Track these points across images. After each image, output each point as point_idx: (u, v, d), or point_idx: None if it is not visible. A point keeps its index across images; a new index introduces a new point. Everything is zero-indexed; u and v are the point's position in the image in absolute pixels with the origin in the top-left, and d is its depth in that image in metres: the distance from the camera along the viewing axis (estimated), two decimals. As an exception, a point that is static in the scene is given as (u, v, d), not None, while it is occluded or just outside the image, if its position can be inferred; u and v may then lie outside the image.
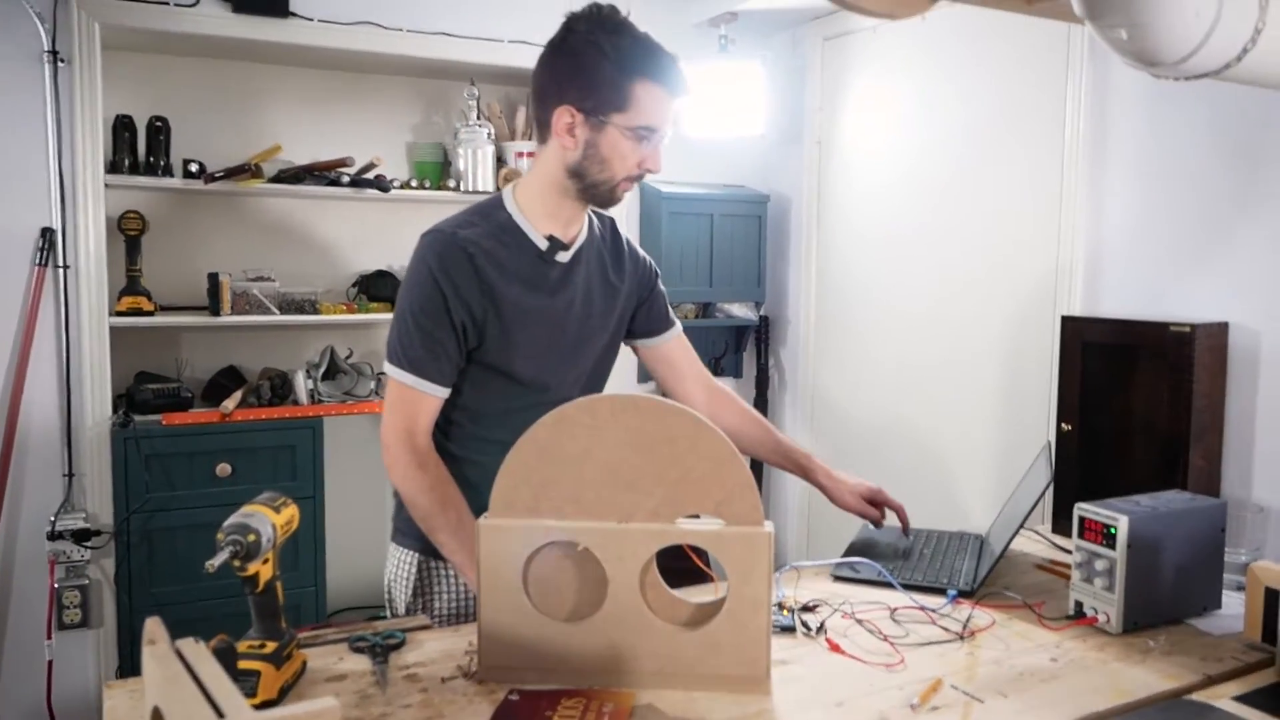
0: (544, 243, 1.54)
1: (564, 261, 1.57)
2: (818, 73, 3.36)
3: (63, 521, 2.61)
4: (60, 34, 2.56)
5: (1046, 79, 2.52)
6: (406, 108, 3.28)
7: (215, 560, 1.11)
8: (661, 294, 1.77)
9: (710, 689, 1.23)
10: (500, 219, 1.54)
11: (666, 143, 1.53)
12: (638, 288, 1.71)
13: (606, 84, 1.44)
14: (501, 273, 1.50)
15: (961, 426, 2.85)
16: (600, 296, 1.64)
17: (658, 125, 1.48)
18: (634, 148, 1.48)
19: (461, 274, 1.47)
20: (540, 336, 1.54)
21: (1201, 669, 1.33)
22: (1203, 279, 2.15)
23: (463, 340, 1.50)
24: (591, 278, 1.63)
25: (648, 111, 1.46)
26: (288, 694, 1.21)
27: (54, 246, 2.61)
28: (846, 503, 1.78)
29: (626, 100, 1.44)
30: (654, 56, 1.45)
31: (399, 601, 1.62)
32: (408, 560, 1.61)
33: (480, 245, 1.49)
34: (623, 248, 1.70)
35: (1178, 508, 1.49)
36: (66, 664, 2.69)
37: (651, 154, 1.50)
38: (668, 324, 1.77)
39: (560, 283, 1.57)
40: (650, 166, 1.51)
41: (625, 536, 1.23)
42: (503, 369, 1.53)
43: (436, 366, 1.49)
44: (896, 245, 3.07)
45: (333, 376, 3.03)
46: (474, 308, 1.48)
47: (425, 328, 1.48)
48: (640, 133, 1.47)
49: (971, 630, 1.44)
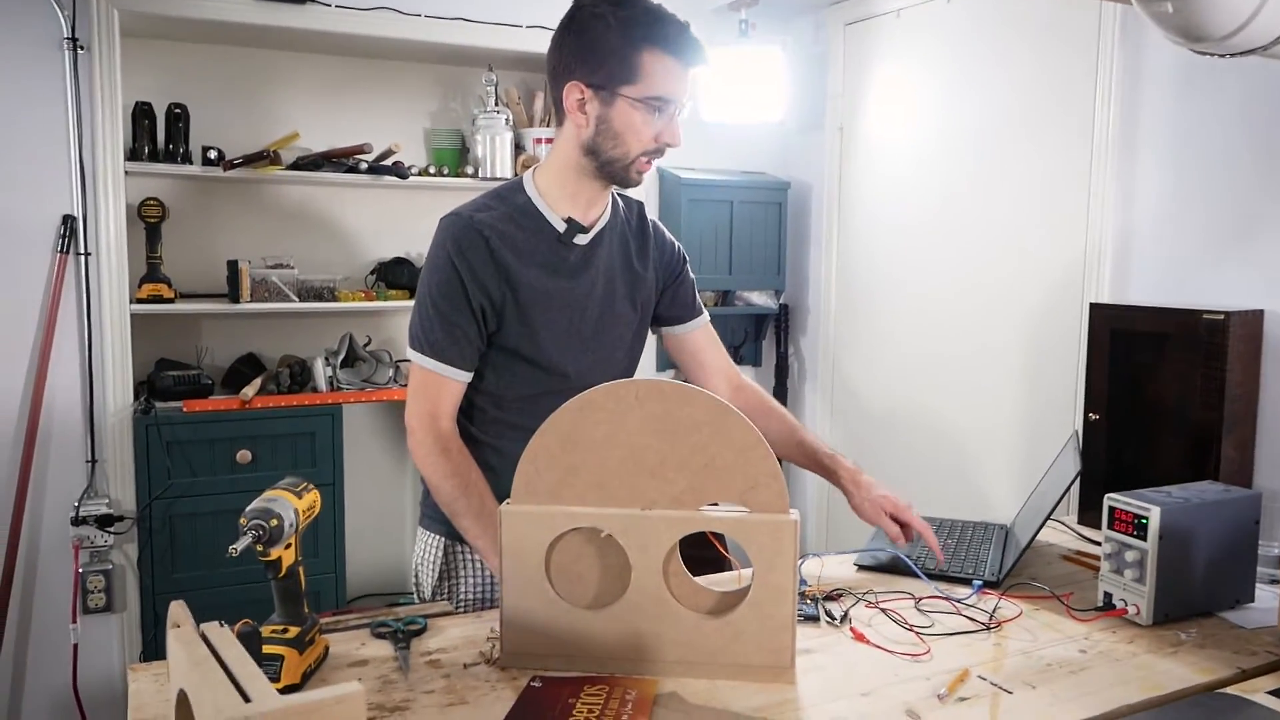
0: (561, 225, 1.52)
1: (583, 244, 1.55)
2: (839, 58, 3.32)
3: (86, 507, 2.63)
4: (80, 21, 2.56)
5: (1074, 63, 2.48)
6: (424, 94, 3.27)
7: (238, 545, 1.11)
8: (689, 281, 1.73)
9: (734, 678, 1.21)
10: (519, 202, 1.53)
11: (685, 115, 1.49)
12: (664, 273, 1.68)
13: (613, 56, 1.41)
14: (519, 255, 1.49)
15: (985, 415, 2.82)
16: (624, 281, 1.61)
17: (671, 96, 1.44)
18: (647, 120, 1.44)
19: (478, 257, 1.46)
20: (559, 320, 1.52)
21: (1235, 662, 1.30)
22: (1237, 266, 2.11)
23: (482, 324, 1.49)
24: (614, 262, 1.60)
25: (658, 82, 1.42)
26: (310, 679, 1.21)
27: (75, 234, 2.61)
28: (866, 513, 1.62)
29: (635, 71, 1.41)
30: (661, 24, 1.42)
31: (425, 586, 1.62)
32: (434, 545, 1.61)
33: (496, 228, 1.48)
34: (649, 232, 1.67)
35: (1210, 499, 1.47)
36: (91, 648, 2.72)
37: (667, 127, 1.46)
38: (694, 312, 1.73)
39: (580, 266, 1.54)
40: (668, 140, 1.47)
41: (648, 523, 1.21)
42: (523, 353, 1.52)
43: (458, 350, 1.48)
44: (919, 232, 3.04)
45: (351, 364, 3.03)
46: (491, 291, 1.47)
47: (444, 312, 1.47)
48: (652, 104, 1.43)
49: (998, 621, 1.42)
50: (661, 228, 1.71)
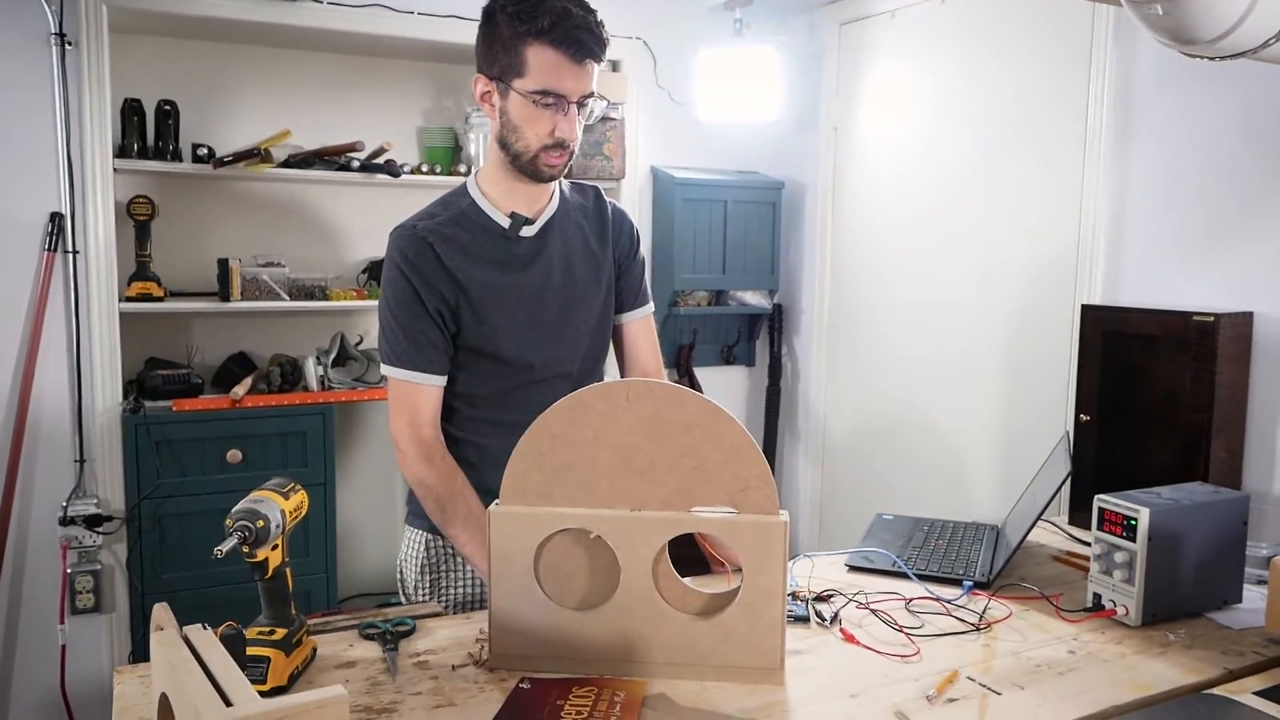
0: (505, 220, 1.53)
1: (531, 236, 1.54)
2: (834, 57, 3.32)
3: (74, 507, 2.62)
4: (67, 16, 2.55)
5: (1067, 64, 2.48)
6: (417, 92, 3.26)
7: (224, 546, 1.10)
8: (639, 265, 1.69)
9: (723, 679, 1.21)
10: (462, 205, 1.53)
11: (593, 111, 1.48)
12: (617, 255, 1.65)
13: (504, 48, 1.41)
14: (467, 256, 1.49)
15: (977, 416, 2.82)
16: (583, 266, 1.59)
17: (559, 90, 1.41)
18: (540, 115, 1.42)
19: (426, 264, 1.47)
20: (518, 314, 1.52)
21: (1222, 663, 1.31)
22: (1227, 268, 2.11)
23: (443, 326, 1.50)
24: (571, 248, 1.58)
25: (545, 75, 1.40)
26: (297, 680, 1.20)
27: (63, 231, 2.60)
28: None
29: (522, 64, 1.40)
30: (547, 17, 1.37)
31: (409, 582, 1.63)
32: (418, 541, 1.61)
33: (441, 233, 1.49)
34: (606, 214, 1.65)
35: (1199, 500, 1.47)
36: (80, 649, 2.70)
37: (563, 121, 1.43)
38: (637, 300, 1.69)
39: (531, 258, 1.54)
40: (561, 135, 1.44)
41: (638, 524, 1.21)
42: (485, 350, 1.52)
43: (424, 356, 1.49)
44: (912, 233, 3.04)
45: (343, 363, 3.02)
46: (445, 294, 1.48)
47: (404, 321, 1.48)
48: (542, 99, 1.41)
49: (988, 622, 1.42)
50: (622, 211, 1.69)
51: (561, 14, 1.38)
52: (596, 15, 1.42)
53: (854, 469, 3.33)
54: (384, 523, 3.32)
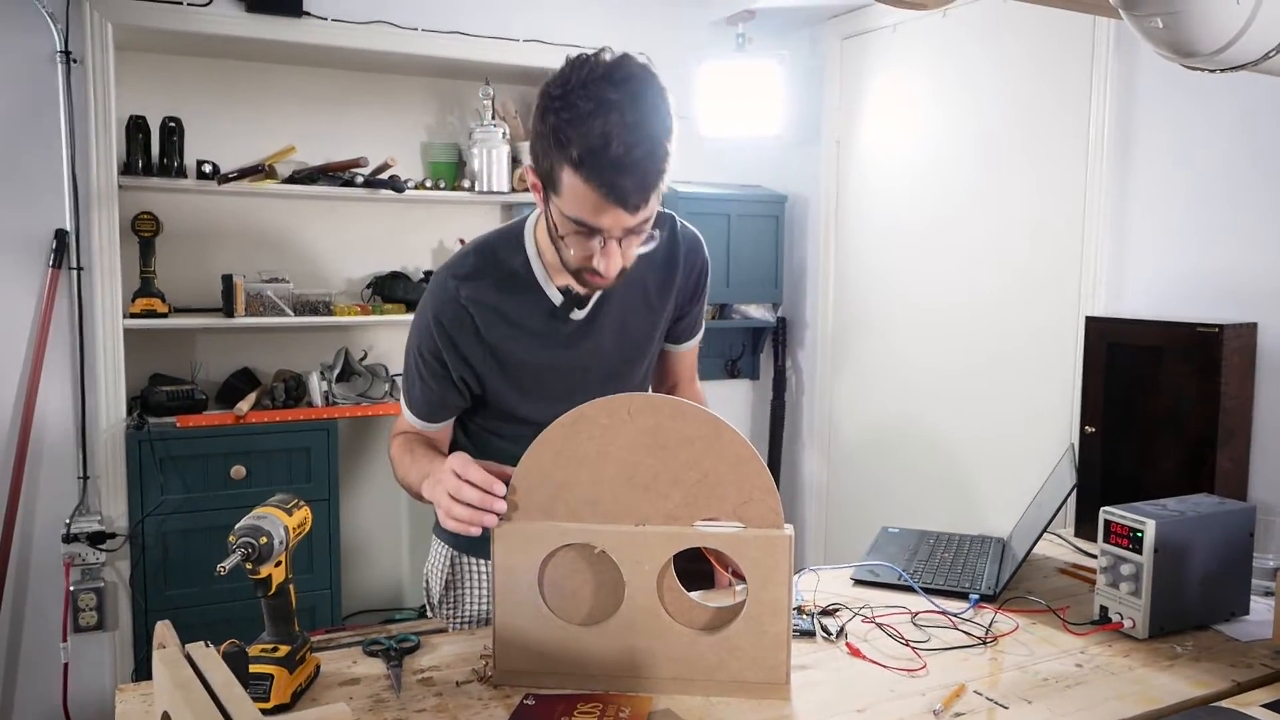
0: (557, 297, 1.38)
1: (580, 319, 1.41)
2: (836, 71, 3.33)
3: (78, 524, 2.61)
4: (73, 34, 2.56)
5: (1069, 77, 2.48)
6: (421, 108, 3.27)
7: (227, 563, 1.10)
8: (702, 303, 1.58)
9: (729, 694, 1.20)
10: (513, 265, 1.38)
11: (630, 250, 1.26)
12: (680, 300, 1.52)
13: (544, 157, 1.21)
14: (509, 328, 1.38)
15: (981, 429, 2.81)
16: (639, 326, 1.48)
17: (595, 225, 1.21)
18: (577, 240, 1.24)
19: (461, 334, 1.37)
20: (557, 388, 1.39)
21: (1230, 675, 1.30)
22: (1231, 279, 2.11)
23: (465, 391, 1.43)
24: (628, 310, 1.45)
25: (577, 206, 1.20)
26: (301, 698, 1.20)
27: (67, 248, 2.61)
28: None
29: (558, 184, 1.21)
30: (583, 143, 1.15)
31: (435, 593, 1.62)
32: (443, 555, 1.60)
33: (484, 303, 1.37)
34: (677, 257, 1.48)
35: (1205, 511, 1.46)
36: (82, 666, 2.69)
37: (600, 253, 1.23)
38: (691, 334, 1.61)
39: (580, 334, 1.42)
40: (596, 267, 1.25)
41: (642, 539, 1.21)
42: (517, 416, 1.42)
43: (433, 413, 1.45)
44: (916, 246, 3.04)
45: (347, 378, 3.03)
46: (476, 365, 1.40)
47: (425, 378, 1.42)
48: (578, 227, 1.22)
49: (994, 635, 1.41)
50: (696, 244, 1.53)
51: (599, 146, 1.15)
52: (652, 144, 1.17)
53: (859, 482, 3.32)
54: (389, 538, 3.31)
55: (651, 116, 1.18)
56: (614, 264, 1.25)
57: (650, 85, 1.20)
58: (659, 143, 1.18)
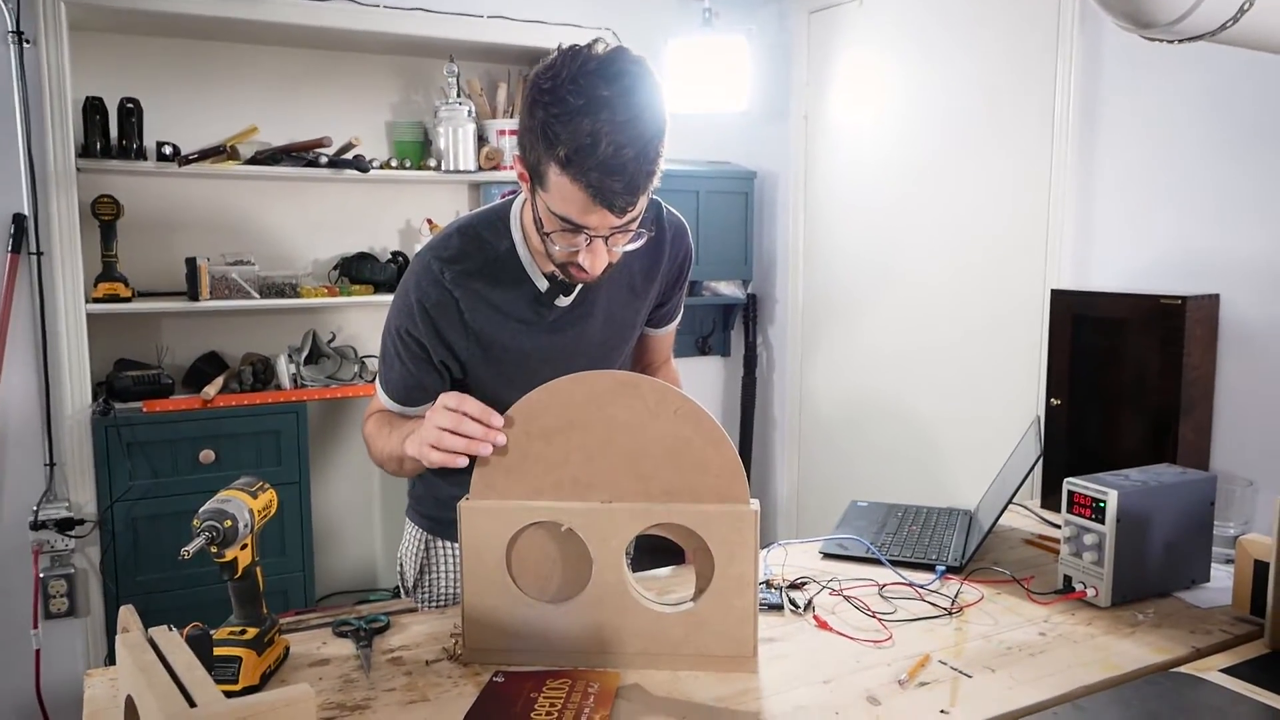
0: (543, 283, 1.36)
1: (567, 305, 1.40)
2: (804, 47, 3.32)
3: (45, 511, 2.59)
4: (25, 13, 2.50)
5: (1035, 51, 2.50)
6: (385, 86, 3.23)
7: (190, 547, 1.09)
8: (684, 289, 1.58)
9: (696, 668, 1.21)
10: (499, 250, 1.36)
11: (616, 248, 1.25)
12: (664, 286, 1.53)
13: (531, 151, 1.19)
14: (493, 312, 1.36)
15: (950, 402, 2.84)
16: (623, 310, 1.47)
17: (580, 224, 1.19)
18: (562, 236, 1.22)
19: (444, 317, 1.35)
20: (542, 373, 1.31)
21: (1190, 642, 1.32)
22: (1194, 251, 2.13)
23: (445, 375, 1.41)
24: (613, 298, 1.44)
25: (563, 204, 1.18)
26: (270, 679, 1.20)
27: (26, 233, 2.56)
28: None
29: (545, 180, 1.18)
30: (571, 143, 1.12)
31: (409, 576, 1.62)
32: (417, 537, 1.60)
33: (470, 287, 1.34)
34: (663, 245, 1.48)
35: (1167, 481, 1.49)
36: (54, 653, 2.67)
37: (585, 251, 1.23)
38: (669, 318, 1.61)
39: (565, 320, 1.41)
40: (582, 264, 1.24)
41: (609, 516, 1.21)
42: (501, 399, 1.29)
43: (410, 396, 1.42)
44: (884, 221, 3.05)
45: (315, 360, 3.00)
46: (458, 349, 1.38)
47: (405, 361, 1.38)
48: (563, 223, 1.21)
49: (960, 606, 1.43)
50: (681, 230, 1.53)
51: (588, 145, 1.12)
52: (642, 144, 1.15)
53: (829, 457, 3.35)
54: (360, 520, 3.30)
55: (643, 115, 1.15)
56: (599, 262, 1.24)
57: (644, 82, 1.16)
58: (650, 143, 1.16)
